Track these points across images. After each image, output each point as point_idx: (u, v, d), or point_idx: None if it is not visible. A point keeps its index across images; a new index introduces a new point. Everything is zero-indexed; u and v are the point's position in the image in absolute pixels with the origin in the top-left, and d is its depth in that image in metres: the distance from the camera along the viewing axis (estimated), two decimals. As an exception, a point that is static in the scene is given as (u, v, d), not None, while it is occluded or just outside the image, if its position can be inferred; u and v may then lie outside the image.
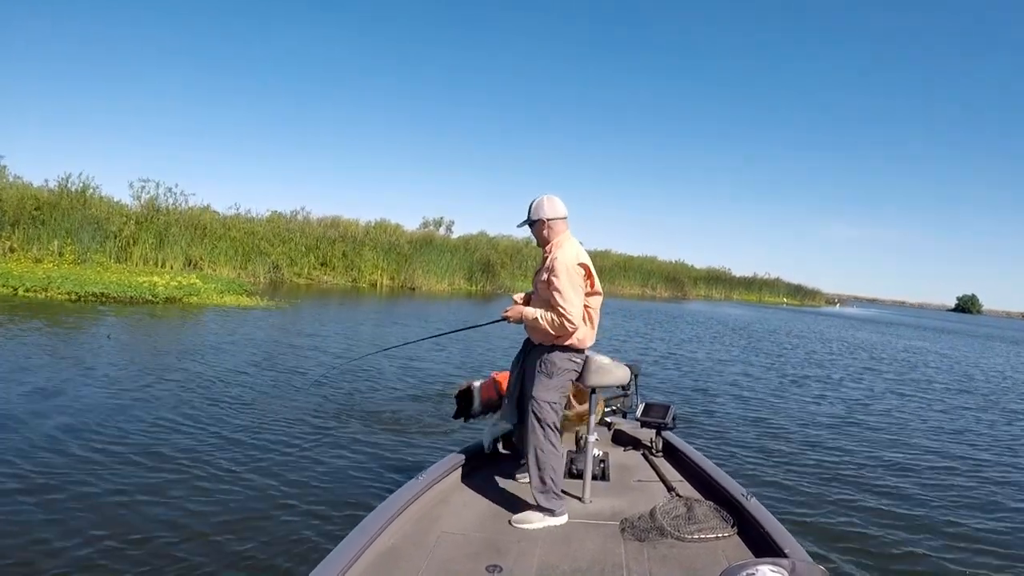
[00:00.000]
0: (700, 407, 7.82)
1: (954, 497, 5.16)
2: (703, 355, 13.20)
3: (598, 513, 3.13)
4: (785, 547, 2.58)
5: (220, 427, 5.32)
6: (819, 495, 4.89)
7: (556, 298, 2.99)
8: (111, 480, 4.03)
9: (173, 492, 3.93)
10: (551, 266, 3.05)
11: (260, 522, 3.62)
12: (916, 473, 5.79)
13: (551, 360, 3.10)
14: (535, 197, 3.22)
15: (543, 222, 3.17)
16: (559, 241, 3.17)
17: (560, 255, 3.07)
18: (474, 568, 2.54)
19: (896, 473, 5.74)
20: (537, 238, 3.25)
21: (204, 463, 4.46)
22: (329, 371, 7.71)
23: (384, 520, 2.76)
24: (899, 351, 18.97)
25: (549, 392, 3.09)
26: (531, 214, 3.20)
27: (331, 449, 5.00)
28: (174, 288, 13.88)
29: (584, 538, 2.85)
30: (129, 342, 8.76)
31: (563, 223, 3.20)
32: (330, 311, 15.56)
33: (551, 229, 3.18)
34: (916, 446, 6.86)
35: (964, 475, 5.89)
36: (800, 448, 6.30)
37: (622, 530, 2.95)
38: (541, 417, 3.05)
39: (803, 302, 56.55)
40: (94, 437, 4.80)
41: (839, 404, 9.04)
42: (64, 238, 17.42)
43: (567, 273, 3.02)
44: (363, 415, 6.06)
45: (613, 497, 3.34)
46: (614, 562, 2.65)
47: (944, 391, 11.40)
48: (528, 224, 3.22)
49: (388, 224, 30.58)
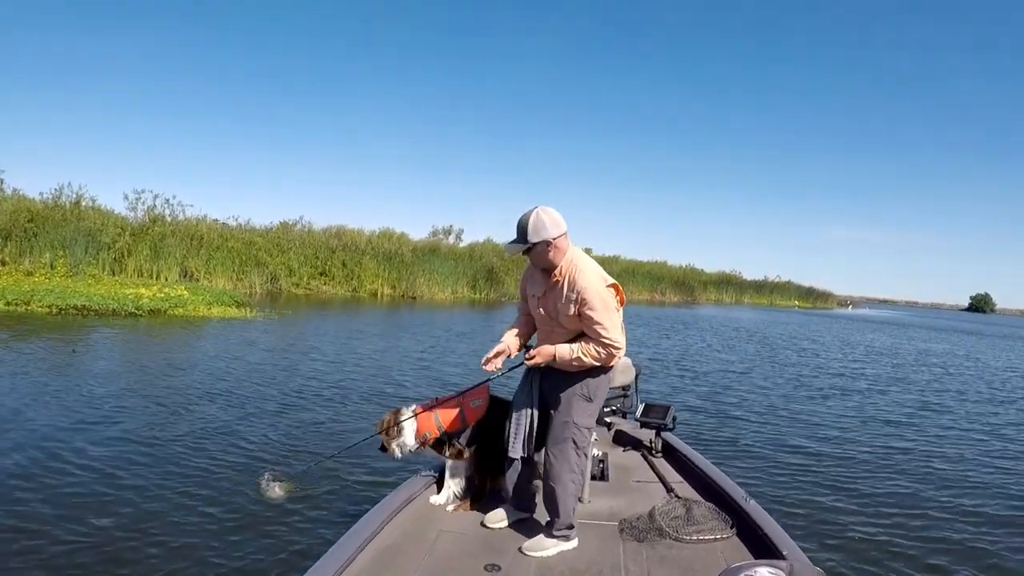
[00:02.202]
0: (708, 415, 7.51)
1: (955, 503, 5.07)
2: (715, 367, 12.53)
3: (597, 513, 3.11)
4: (783, 549, 2.58)
5: (163, 449, 4.76)
6: (818, 499, 4.84)
7: (599, 332, 2.66)
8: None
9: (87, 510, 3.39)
10: (583, 298, 2.64)
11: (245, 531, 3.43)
12: (917, 478, 5.68)
13: (595, 384, 2.81)
14: (526, 211, 2.68)
15: (548, 244, 2.66)
16: (572, 261, 2.71)
17: (585, 282, 2.65)
18: (473, 566, 2.55)
19: (899, 478, 5.65)
20: (539, 262, 2.75)
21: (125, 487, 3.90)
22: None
23: (384, 517, 2.79)
24: (922, 354, 18.18)
25: (591, 417, 2.85)
26: (529, 235, 2.64)
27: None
28: (160, 300, 13.41)
29: (583, 538, 2.81)
30: (94, 357, 8.24)
31: (567, 239, 2.72)
32: (321, 322, 15.04)
33: (557, 249, 2.69)
34: (920, 451, 6.70)
35: (968, 481, 5.75)
36: (804, 452, 6.22)
37: (621, 531, 2.94)
38: (580, 444, 2.80)
39: (815, 305, 55.74)
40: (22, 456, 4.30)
41: (850, 408, 8.67)
42: (56, 250, 17.08)
43: (603, 302, 2.67)
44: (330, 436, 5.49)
45: (612, 497, 3.32)
46: (612, 562, 2.64)
47: (962, 397, 10.74)
48: (526, 249, 2.70)
49: (392, 233, 30.01)
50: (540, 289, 2.81)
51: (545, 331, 2.86)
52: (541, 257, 2.70)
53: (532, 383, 2.91)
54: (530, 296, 2.90)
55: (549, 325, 2.82)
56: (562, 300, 2.70)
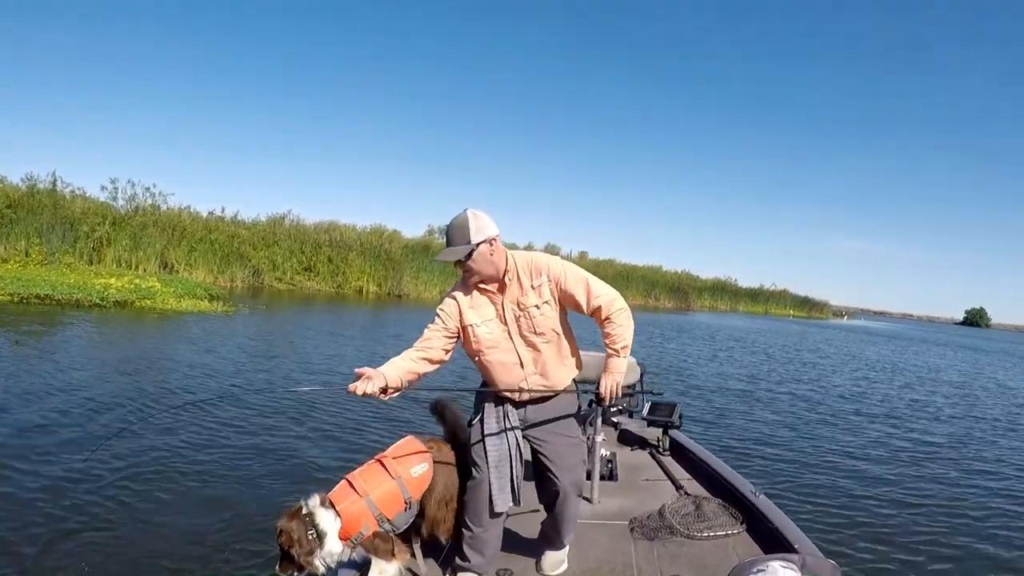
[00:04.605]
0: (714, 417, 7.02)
1: (968, 497, 5.10)
2: (712, 379, 12.09)
3: (607, 513, 3.08)
4: (795, 543, 2.55)
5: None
6: (829, 492, 4.82)
7: (598, 296, 2.32)
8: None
9: None
10: (553, 275, 2.32)
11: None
12: (931, 472, 5.71)
13: (574, 407, 2.52)
14: (456, 216, 2.31)
15: (492, 242, 2.28)
16: (510, 256, 2.36)
17: (539, 259, 2.37)
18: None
19: (912, 472, 5.66)
20: (480, 268, 2.29)
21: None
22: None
23: None
24: (932, 370, 17.75)
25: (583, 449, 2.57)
26: (472, 234, 2.24)
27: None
28: (128, 291, 12.95)
29: (594, 538, 2.79)
30: (34, 349, 7.75)
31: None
32: (295, 318, 14.57)
33: (499, 249, 2.31)
34: (933, 452, 6.68)
35: (980, 478, 5.76)
36: (814, 449, 6.22)
37: (631, 529, 2.91)
38: (582, 487, 2.54)
39: (810, 314, 55.33)
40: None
41: (861, 409, 8.42)
42: (31, 238, 16.61)
43: (570, 267, 2.37)
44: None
45: (621, 497, 3.30)
46: (624, 561, 2.63)
47: (972, 403, 10.30)
48: (467, 254, 2.26)
49: (384, 230, 29.60)
50: (491, 310, 2.35)
51: (528, 358, 2.36)
52: (482, 261, 2.27)
53: (502, 419, 2.42)
54: (475, 328, 2.35)
55: (529, 348, 2.36)
56: (530, 299, 2.31)
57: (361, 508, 2.31)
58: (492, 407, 2.43)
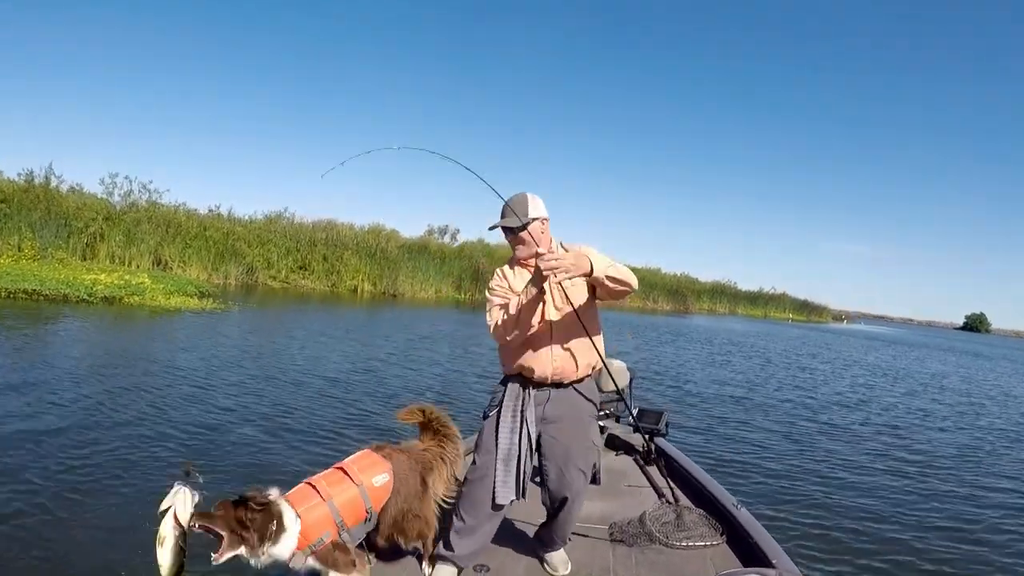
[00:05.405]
0: (702, 427, 6.97)
1: (948, 515, 5.04)
2: (708, 385, 11.94)
3: (587, 517, 3.02)
4: (773, 558, 2.54)
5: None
6: (815, 506, 4.82)
7: (617, 270, 2.28)
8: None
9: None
10: (587, 250, 2.33)
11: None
12: (908, 493, 5.56)
13: (594, 395, 2.56)
14: (515, 194, 2.43)
15: (543, 221, 2.42)
16: (559, 242, 2.49)
17: (586, 249, 2.38)
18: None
19: (888, 492, 5.50)
20: (530, 243, 2.39)
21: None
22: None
23: None
24: (936, 376, 17.57)
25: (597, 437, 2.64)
26: (530, 210, 2.38)
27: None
28: (117, 287, 12.80)
29: (573, 542, 2.74)
30: (12, 346, 7.60)
31: None
32: (285, 317, 14.40)
33: (547, 231, 2.46)
34: (932, 469, 6.53)
35: (960, 496, 5.61)
36: (805, 461, 6.17)
37: (611, 535, 2.91)
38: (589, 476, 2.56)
39: (809, 318, 55.21)
40: None
41: (846, 422, 8.27)
42: (24, 233, 16.49)
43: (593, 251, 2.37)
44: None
45: (603, 501, 3.28)
46: (602, 566, 2.63)
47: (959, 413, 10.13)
48: (521, 227, 2.38)
49: (381, 229, 29.44)
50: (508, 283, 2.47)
51: (559, 325, 2.43)
52: (532, 237, 2.38)
53: (519, 412, 2.45)
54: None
55: (560, 317, 2.43)
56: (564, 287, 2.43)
57: (324, 513, 2.14)
58: (512, 396, 2.46)
